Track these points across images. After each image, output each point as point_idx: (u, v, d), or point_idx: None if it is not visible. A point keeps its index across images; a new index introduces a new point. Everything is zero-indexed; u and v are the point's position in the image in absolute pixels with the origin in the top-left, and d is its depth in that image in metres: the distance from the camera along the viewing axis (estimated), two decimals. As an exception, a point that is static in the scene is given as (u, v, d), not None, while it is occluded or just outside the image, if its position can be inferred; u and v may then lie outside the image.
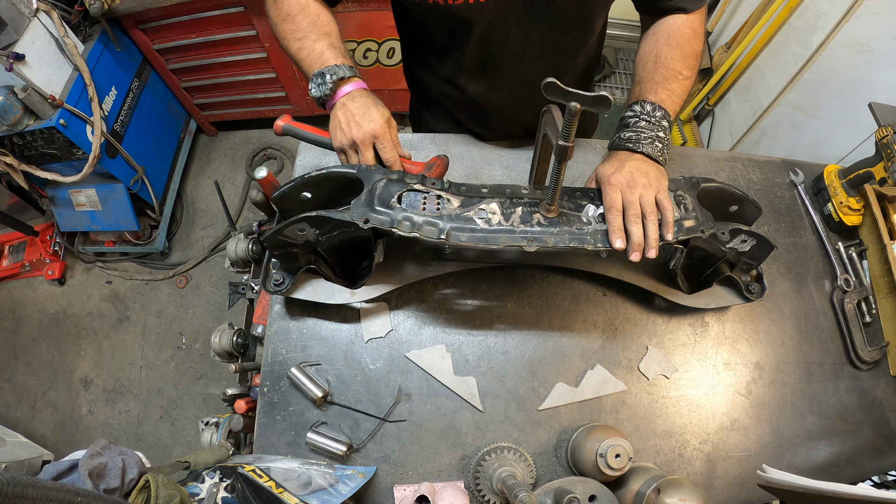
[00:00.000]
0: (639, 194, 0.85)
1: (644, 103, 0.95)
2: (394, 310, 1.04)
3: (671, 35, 0.98)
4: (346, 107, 0.91)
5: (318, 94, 0.93)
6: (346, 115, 0.90)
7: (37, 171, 2.18)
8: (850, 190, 1.22)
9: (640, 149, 0.92)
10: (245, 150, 3.01)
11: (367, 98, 0.92)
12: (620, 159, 0.91)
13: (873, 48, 1.82)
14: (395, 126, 0.93)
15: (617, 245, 0.82)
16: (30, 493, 0.41)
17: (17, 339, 2.67)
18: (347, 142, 0.90)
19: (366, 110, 0.89)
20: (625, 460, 0.84)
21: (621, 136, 0.95)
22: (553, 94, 0.71)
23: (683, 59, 0.98)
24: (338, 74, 0.92)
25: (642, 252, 0.83)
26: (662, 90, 0.96)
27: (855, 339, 1.13)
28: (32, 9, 1.87)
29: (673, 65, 0.97)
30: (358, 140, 0.89)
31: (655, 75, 0.97)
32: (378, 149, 0.90)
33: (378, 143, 0.89)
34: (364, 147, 0.89)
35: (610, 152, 0.97)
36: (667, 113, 0.95)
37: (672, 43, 0.98)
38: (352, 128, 0.89)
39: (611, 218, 0.84)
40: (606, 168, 0.90)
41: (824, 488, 0.78)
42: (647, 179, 0.86)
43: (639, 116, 0.94)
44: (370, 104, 0.91)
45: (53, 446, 2.39)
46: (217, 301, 2.65)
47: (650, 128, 0.93)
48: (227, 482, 0.74)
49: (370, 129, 0.88)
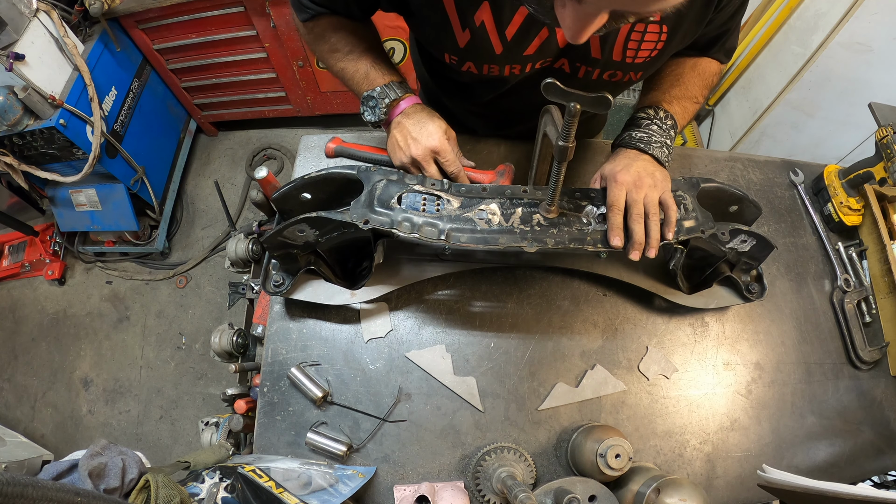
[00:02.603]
0: (644, 194, 0.85)
1: (658, 109, 0.95)
2: (394, 310, 1.04)
3: (698, 64, 1.01)
4: (402, 125, 0.90)
5: (373, 118, 0.93)
6: (403, 134, 0.89)
7: (37, 171, 2.18)
8: (850, 190, 1.22)
9: (649, 150, 0.92)
10: (245, 150, 3.01)
11: (421, 113, 0.91)
12: (629, 158, 0.91)
13: (873, 48, 1.82)
14: (454, 136, 0.92)
15: (615, 243, 0.82)
16: (30, 493, 0.41)
17: (17, 339, 2.67)
18: (408, 160, 0.90)
19: (422, 126, 0.88)
20: (625, 460, 0.84)
21: (632, 135, 0.94)
22: (553, 94, 0.71)
23: (702, 87, 1.00)
24: (389, 97, 0.90)
25: (642, 251, 0.83)
26: (678, 105, 0.97)
27: (855, 339, 1.13)
28: (32, 9, 1.86)
29: (692, 89, 0.99)
30: (418, 157, 0.88)
31: (674, 90, 0.98)
32: (440, 163, 0.90)
33: (440, 157, 0.89)
34: (425, 163, 0.89)
35: (616, 149, 0.97)
36: (676, 125, 0.96)
37: (697, 71, 1.00)
38: (410, 146, 0.88)
39: (611, 216, 0.84)
40: (614, 166, 0.90)
41: (824, 488, 0.78)
42: (652, 180, 0.86)
43: (651, 119, 0.94)
44: (425, 119, 0.89)
45: (53, 446, 2.39)
46: (217, 301, 2.65)
47: (661, 133, 0.93)
48: (227, 482, 0.74)
49: (429, 145, 0.88)
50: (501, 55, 0.86)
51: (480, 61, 0.88)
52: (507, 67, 0.88)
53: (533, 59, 0.87)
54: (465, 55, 0.88)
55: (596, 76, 0.90)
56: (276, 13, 2.19)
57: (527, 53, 0.86)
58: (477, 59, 0.88)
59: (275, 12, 2.19)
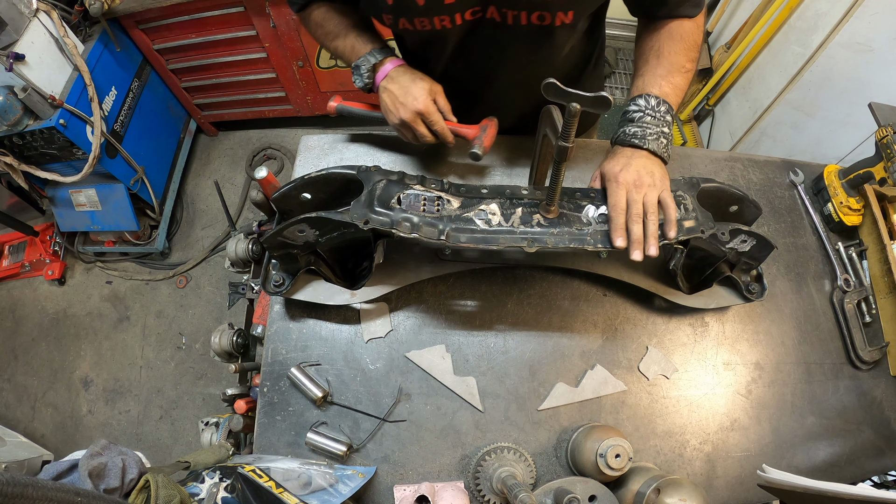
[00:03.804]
0: (643, 194, 0.85)
1: (648, 97, 0.94)
2: (394, 310, 1.04)
3: (673, 30, 0.98)
4: (388, 90, 0.96)
5: (361, 84, 1.01)
6: (391, 98, 0.96)
7: (37, 171, 2.18)
8: (850, 190, 1.22)
9: (645, 145, 0.91)
10: (245, 150, 3.01)
11: (404, 76, 0.96)
12: (626, 156, 0.91)
13: (873, 48, 1.82)
14: (441, 89, 0.98)
15: (618, 244, 0.83)
16: (30, 493, 0.41)
17: (17, 339, 2.67)
18: (398, 122, 0.97)
19: (406, 90, 0.94)
20: (625, 460, 0.84)
21: (626, 132, 0.94)
22: (552, 94, 0.71)
23: (686, 51, 0.97)
24: (370, 62, 0.97)
25: (643, 249, 0.83)
26: (666, 83, 0.95)
27: (855, 339, 1.13)
28: (32, 9, 1.87)
29: (676, 58, 0.96)
30: (407, 120, 0.95)
31: (658, 69, 0.96)
32: (427, 124, 0.96)
33: (426, 118, 0.95)
34: (415, 125, 0.96)
35: (614, 147, 0.96)
36: (670, 107, 0.94)
37: (675, 36, 0.97)
38: (399, 109, 0.95)
39: (614, 216, 0.84)
40: (613, 165, 0.90)
41: (824, 488, 0.78)
42: (652, 179, 0.87)
43: (643, 111, 0.93)
44: (408, 81, 0.95)
45: (53, 446, 2.39)
46: (217, 301, 2.65)
47: (655, 123, 0.92)
48: (227, 482, 0.74)
49: (415, 108, 0.94)
50: (424, 6, 0.86)
51: (410, 15, 0.88)
52: (436, 20, 0.89)
53: (457, 7, 0.87)
54: (395, 11, 0.89)
55: (525, 20, 0.89)
56: (276, 13, 2.19)
57: (448, 2, 0.86)
58: (406, 13, 0.88)
59: (275, 12, 2.19)
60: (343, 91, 2.60)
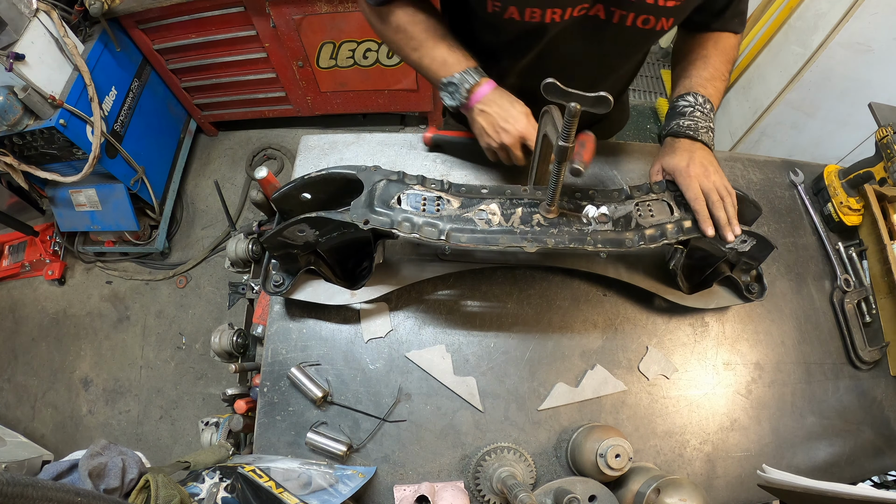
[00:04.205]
0: (713, 181, 0.91)
1: (697, 95, 0.99)
2: (394, 310, 1.04)
3: (719, 42, 1.05)
4: (486, 113, 0.95)
5: (453, 103, 0.98)
6: (490, 121, 0.95)
7: (37, 171, 2.18)
8: (850, 190, 1.22)
9: (699, 137, 0.96)
10: (245, 150, 3.01)
11: (502, 98, 0.95)
12: (687, 149, 0.95)
13: (873, 48, 1.82)
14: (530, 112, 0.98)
15: (709, 232, 0.89)
16: (30, 493, 0.41)
17: (17, 339, 2.67)
18: (497, 146, 0.96)
19: (507, 113, 0.94)
20: (625, 460, 0.84)
21: (680, 124, 0.98)
22: (553, 94, 0.71)
23: (727, 63, 1.05)
24: (468, 82, 0.94)
25: (731, 230, 0.89)
26: (710, 86, 1.01)
27: (855, 339, 1.13)
28: (32, 9, 1.86)
29: (720, 67, 1.03)
30: (509, 144, 0.94)
31: (704, 72, 1.02)
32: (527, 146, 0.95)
33: (528, 142, 0.94)
34: (514, 149, 0.95)
35: (668, 139, 1.01)
36: (713, 107, 1.00)
37: (720, 47, 1.05)
38: (500, 133, 0.94)
39: (698, 207, 0.89)
40: (678, 160, 0.94)
41: (824, 488, 0.78)
42: (714, 167, 0.93)
43: (693, 106, 0.99)
44: (507, 104, 0.95)
45: (53, 446, 2.39)
46: (217, 301, 2.65)
47: (704, 118, 0.98)
48: (227, 482, 0.74)
49: (517, 132, 0.93)
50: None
51: (523, 4, 0.87)
52: (548, 11, 0.88)
53: (569, 1, 0.87)
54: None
55: (630, 22, 0.91)
56: (276, 13, 2.19)
57: None
58: (518, 1, 0.87)
59: (275, 12, 2.19)
60: (344, 92, 2.62)
